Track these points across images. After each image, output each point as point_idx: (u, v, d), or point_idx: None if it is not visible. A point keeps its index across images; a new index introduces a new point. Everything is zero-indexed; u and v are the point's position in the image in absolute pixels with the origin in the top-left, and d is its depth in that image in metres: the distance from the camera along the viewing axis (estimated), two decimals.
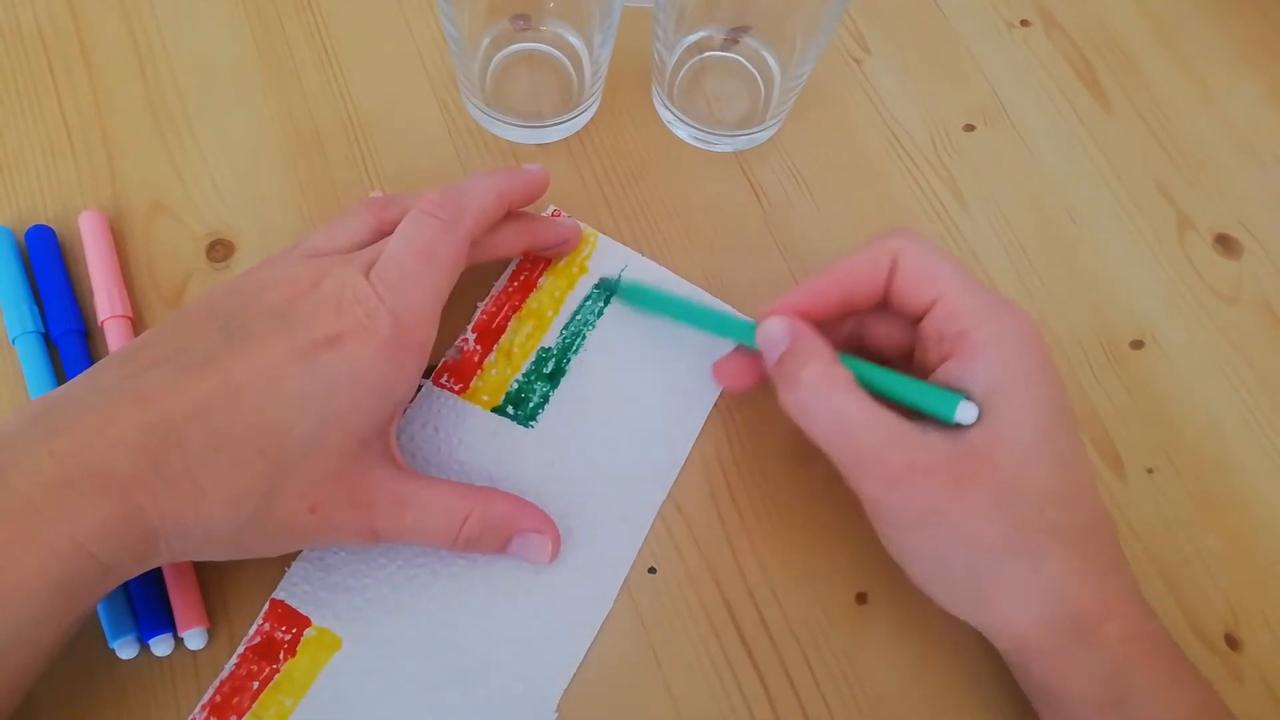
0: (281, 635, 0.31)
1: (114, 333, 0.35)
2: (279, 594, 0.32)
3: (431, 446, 0.35)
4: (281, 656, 0.31)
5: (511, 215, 0.35)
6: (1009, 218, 0.42)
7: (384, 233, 0.33)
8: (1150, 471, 0.37)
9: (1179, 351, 0.40)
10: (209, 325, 0.29)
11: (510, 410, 0.36)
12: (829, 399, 0.29)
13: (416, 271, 0.30)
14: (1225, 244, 0.42)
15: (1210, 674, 0.30)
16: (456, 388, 0.36)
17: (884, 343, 0.33)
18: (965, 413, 0.28)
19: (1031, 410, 0.28)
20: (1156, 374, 0.39)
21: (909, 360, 0.33)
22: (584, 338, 0.37)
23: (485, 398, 0.36)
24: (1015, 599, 0.29)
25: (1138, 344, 0.40)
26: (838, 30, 0.45)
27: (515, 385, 0.36)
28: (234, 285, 0.31)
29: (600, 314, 0.38)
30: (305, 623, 0.32)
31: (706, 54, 0.42)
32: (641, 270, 0.39)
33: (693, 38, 0.41)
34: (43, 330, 0.35)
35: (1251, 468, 0.38)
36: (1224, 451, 0.38)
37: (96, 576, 0.25)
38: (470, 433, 0.35)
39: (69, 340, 0.35)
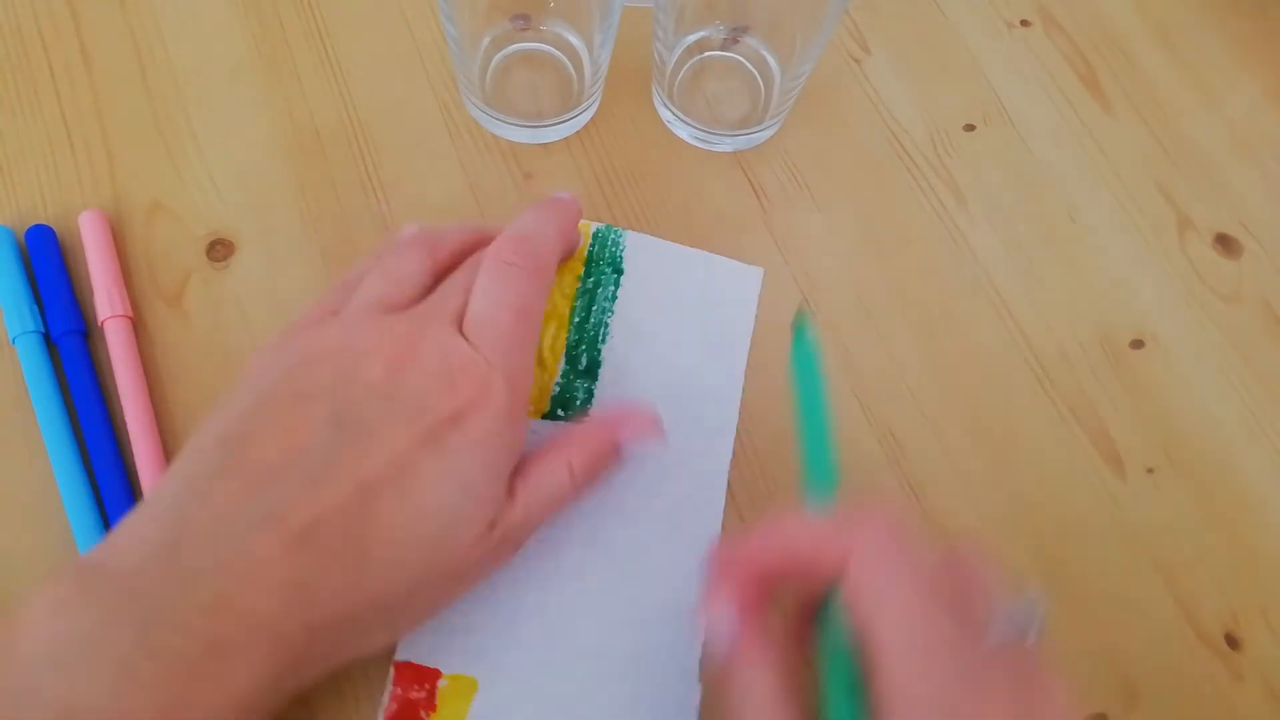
0: (416, 694, 0.31)
1: (114, 332, 0.35)
2: (400, 656, 0.31)
3: None
4: (424, 715, 0.30)
5: None
6: (1009, 218, 0.42)
7: (440, 273, 0.32)
8: (1150, 471, 0.37)
9: (1179, 351, 0.40)
10: (312, 412, 0.28)
11: (559, 413, 0.35)
12: None
13: (513, 328, 0.30)
14: (1225, 244, 0.42)
15: (1210, 674, 0.30)
16: None
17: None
18: None
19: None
20: (1156, 374, 0.39)
21: None
22: (607, 326, 0.37)
23: (531, 409, 0.35)
24: None
25: (1138, 344, 0.40)
26: (838, 30, 0.45)
27: (557, 388, 0.36)
28: (311, 350, 0.29)
29: (614, 298, 0.38)
30: (436, 675, 0.31)
31: (706, 54, 0.42)
32: (640, 241, 0.39)
33: (693, 38, 0.41)
34: (43, 330, 0.35)
35: (1251, 467, 0.38)
36: (1224, 451, 0.38)
37: None
38: (530, 447, 0.35)
39: (69, 340, 0.35)
